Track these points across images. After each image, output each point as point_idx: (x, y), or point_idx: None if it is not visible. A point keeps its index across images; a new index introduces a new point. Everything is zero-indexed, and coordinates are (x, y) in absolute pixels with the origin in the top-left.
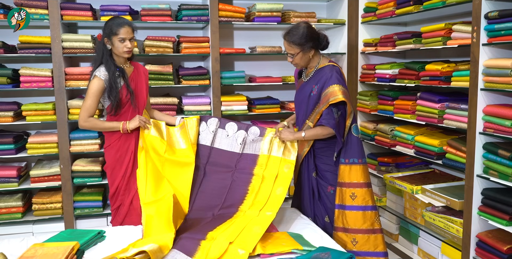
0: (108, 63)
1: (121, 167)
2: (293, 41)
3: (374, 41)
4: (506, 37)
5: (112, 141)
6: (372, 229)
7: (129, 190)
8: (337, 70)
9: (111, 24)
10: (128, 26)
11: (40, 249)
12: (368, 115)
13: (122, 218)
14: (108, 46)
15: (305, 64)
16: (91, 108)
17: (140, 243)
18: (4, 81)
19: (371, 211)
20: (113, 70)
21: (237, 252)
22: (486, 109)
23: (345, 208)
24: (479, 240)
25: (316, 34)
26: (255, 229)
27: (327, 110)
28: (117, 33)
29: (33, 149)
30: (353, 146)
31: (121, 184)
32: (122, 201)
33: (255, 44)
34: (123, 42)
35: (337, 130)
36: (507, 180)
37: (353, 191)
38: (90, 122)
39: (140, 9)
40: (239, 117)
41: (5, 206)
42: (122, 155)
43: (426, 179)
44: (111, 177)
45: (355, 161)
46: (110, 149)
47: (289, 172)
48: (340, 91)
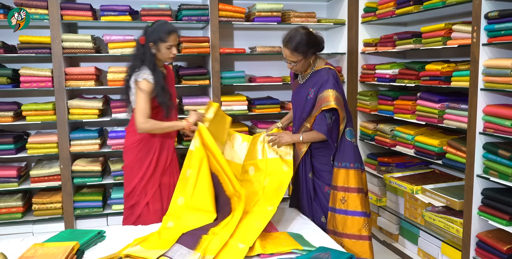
0: (155, 67)
1: (140, 168)
2: (295, 50)
3: (374, 41)
4: (506, 37)
5: (134, 141)
6: (359, 235)
7: (145, 192)
8: (333, 74)
9: (158, 30)
10: (176, 33)
11: (40, 249)
12: (368, 115)
13: (135, 218)
14: (153, 50)
15: (305, 69)
16: (146, 110)
17: (146, 242)
18: (4, 81)
19: (360, 217)
20: (160, 74)
21: (237, 246)
22: (486, 109)
23: (335, 212)
24: (479, 240)
25: (316, 39)
26: (255, 223)
27: (320, 115)
28: (166, 40)
29: (33, 149)
30: (346, 150)
31: (138, 185)
32: (137, 201)
33: (255, 44)
34: (170, 48)
35: (329, 135)
36: (507, 180)
37: (344, 195)
38: (150, 123)
39: (140, 9)
40: (239, 117)
41: (5, 206)
42: (143, 157)
43: (426, 179)
44: (129, 177)
45: (347, 165)
46: (131, 150)
47: (289, 171)
48: (333, 96)
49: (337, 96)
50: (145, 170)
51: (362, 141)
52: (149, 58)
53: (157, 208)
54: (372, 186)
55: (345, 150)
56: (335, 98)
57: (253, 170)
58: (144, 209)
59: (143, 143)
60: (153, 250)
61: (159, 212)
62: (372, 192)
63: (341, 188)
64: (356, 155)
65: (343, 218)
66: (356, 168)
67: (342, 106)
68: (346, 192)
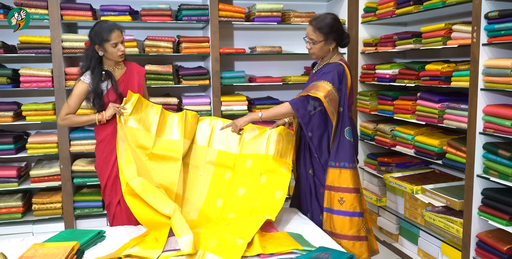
0: (95, 70)
1: (107, 167)
2: (319, 28)
3: (374, 41)
4: (506, 37)
5: (97, 142)
6: (358, 236)
7: (115, 191)
8: (340, 70)
9: (99, 30)
10: (118, 30)
11: (40, 249)
12: (368, 115)
13: (112, 218)
14: (100, 52)
15: (322, 55)
16: (71, 108)
17: (143, 243)
18: (4, 81)
19: (359, 218)
20: (99, 77)
21: (236, 241)
22: (486, 109)
23: (333, 212)
24: (479, 240)
25: (341, 28)
26: (254, 219)
27: (303, 97)
28: (109, 39)
29: (33, 149)
30: (345, 150)
31: (108, 184)
32: (109, 200)
33: (255, 44)
34: (115, 46)
35: (304, 120)
36: (507, 180)
37: (342, 196)
38: (68, 120)
39: (140, 9)
40: (239, 117)
41: (5, 206)
42: (108, 156)
43: (426, 179)
44: (100, 176)
45: (345, 165)
46: (97, 150)
47: (287, 173)
48: (326, 90)
49: (331, 90)
50: (111, 169)
51: (362, 141)
52: (92, 60)
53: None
54: (372, 186)
55: (344, 150)
56: (328, 91)
57: (250, 163)
58: (117, 208)
59: (105, 143)
60: (152, 250)
61: (130, 210)
62: (372, 192)
63: (339, 188)
64: (354, 155)
65: (341, 219)
66: (353, 168)
67: (333, 102)
68: (344, 192)
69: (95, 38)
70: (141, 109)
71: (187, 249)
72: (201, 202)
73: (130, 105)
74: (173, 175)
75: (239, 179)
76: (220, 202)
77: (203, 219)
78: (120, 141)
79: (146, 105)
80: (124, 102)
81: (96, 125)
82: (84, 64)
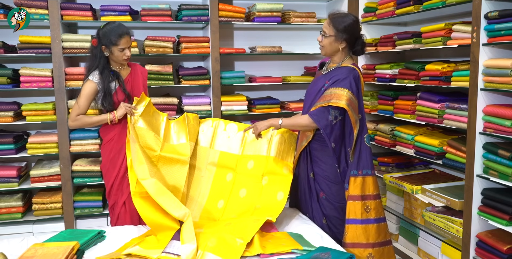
0: (104, 70)
1: (114, 167)
2: (334, 23)
3: (374, 41)
4: (506, 37)
5: (105, 141)
6: (385, 241)
7: (121, 192)
8: (355, 75)
9: (109, 33)
10: (128, 36)
11: (40, 249)
12: (368, 115)
13: (116, 218)
14: (106, 53)
15: (329, 52)
16: (81, 108)
17: (144, 243)
18: (4, 81)
19: (384, 223)
20: (108, 77)
21: (235, 241)
22: (486, 109)
23: (362, 222)
24: (479, 240)
25: (357, 33)
26: (254, 219)
27: (323, 108)
28: (118, 43)
29: (33, 149)
30: (367, 157)
31: (114, 184)
32: (115, 200)
33: (255, 44)
34: (122, 51)
35: (327, 131)
36: (507, 180)
37: (368, 204)
38: (79, 120)
39: (140, 9)
40: (239, 117)
41: (5, 206)
42: (115, 156)
43: (426, 179)
44: (106, 177)
45: (368, 172)
46: (104, 149)
47: (289, 174)
48: (347, 97)
49: (351, 97)
50: (119, 169)
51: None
52: (100, 60)
53: (133, 208)
54: None
55: (366, 157)
56: (348, 99)
57: (252, 164)
58: (122, 209)
59: (112, 143)
60: (152, 250)
61: (135, 211)
62: None
63: (364, 197)
64: (372, 160)
65: (371, 228)
66: (374, 175)
67: (355, 110)
68: (370, 200)
69: (103, 38)
70: (150, 114)
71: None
72: (203, 203)
73: (141, 106)
74: (180, 177)
75: (240, 181)
76: (221, 204)
77: (205, 220)
78: (132, 141)
79: (153, 111)
80: (135, 103)
81: (102, 125)
82: (92, 63)
